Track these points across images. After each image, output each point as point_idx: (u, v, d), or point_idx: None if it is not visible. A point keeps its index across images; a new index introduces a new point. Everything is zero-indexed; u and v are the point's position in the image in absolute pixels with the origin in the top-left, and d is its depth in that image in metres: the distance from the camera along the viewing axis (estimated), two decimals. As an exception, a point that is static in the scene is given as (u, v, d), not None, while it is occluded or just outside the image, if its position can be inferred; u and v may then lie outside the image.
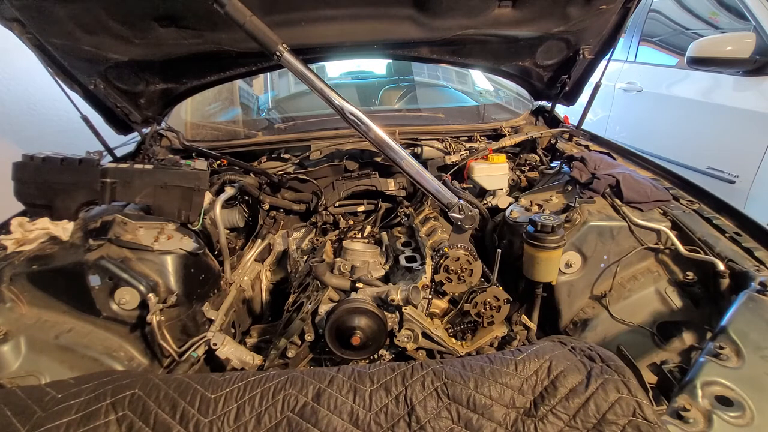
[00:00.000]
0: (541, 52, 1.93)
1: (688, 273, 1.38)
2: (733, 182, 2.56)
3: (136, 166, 1.56)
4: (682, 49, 2.89)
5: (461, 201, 1.36)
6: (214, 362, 1.36)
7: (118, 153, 2.03)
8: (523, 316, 1.47)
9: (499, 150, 2.07)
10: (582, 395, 0.80)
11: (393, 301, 1.21)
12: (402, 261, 1.50)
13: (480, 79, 2.91)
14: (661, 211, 1.51)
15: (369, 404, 0.82)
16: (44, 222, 1.39)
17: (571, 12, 1.67)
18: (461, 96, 2.82)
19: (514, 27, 1.73)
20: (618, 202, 1.51)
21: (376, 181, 2.03)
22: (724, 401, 0.80)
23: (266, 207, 1.99)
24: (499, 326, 1.37)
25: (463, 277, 1.34)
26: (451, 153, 2.06)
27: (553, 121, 2.33)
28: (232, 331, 1.56)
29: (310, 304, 1.39)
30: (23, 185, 1.48)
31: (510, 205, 1.71)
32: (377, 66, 3.33)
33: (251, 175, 1.99)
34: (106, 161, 1.79)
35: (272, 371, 0.90)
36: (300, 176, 2.08)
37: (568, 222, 1.47)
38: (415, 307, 1.25)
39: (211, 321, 1.43)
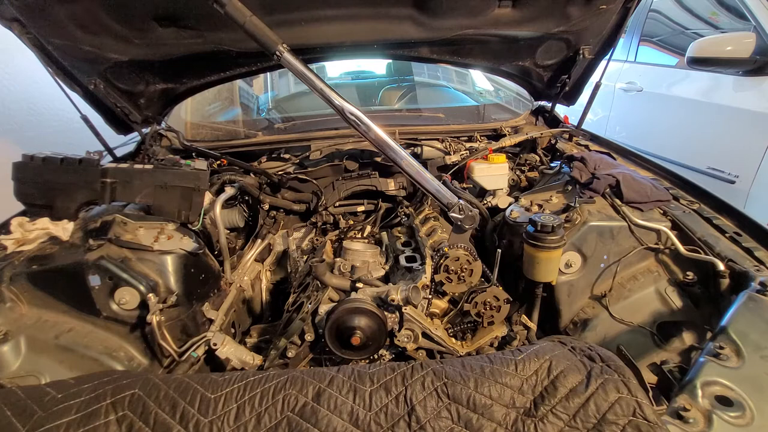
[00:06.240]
0: (541, 52, 1.93)
1: (688, 273, 1.38)
2: (733, 182, 2.56)
3: (136, 166, 1.56)
4: (682, 49, 2.89)
5: (461, 201, 1.36)
6: (214, 362, 1.36)
7: (118, 153, 2.03)
8: (523, 316, 1.47)
9: (499, 150, 2.07)
10: (582, 395, 0.80)
11: (393, 301, 1.21)
12: (402, 261, 1.50)
13: (480, 79, 2.91)
14: (661, 211, 1.51)
15: (369, 404, 0.82)
16: (44, 222, 1.39)
17: (571, 12, 1.67)
18: (461, 96, 2.82)
19: (514, 27, 1.73)
20: (618, 202, 1.51)
21: (376, 181, 2.03)
22: (724, 401, 0.80)
23: (266, 207, 1.99)
24: (499, 326, 1.37)
25: (463, 277, 1.34)
26: (451, 153, 2.06)
27: (553, 121, 2.33)
28: (232, 331, 1.56)
29: (310, 304, 1.39)
30: (23, 185, 1.48)
31: (510, 205, 1.71)
32: (377, 66, 3.33)
33: (251, 175, 1.99)
34: (106, 161, 1.79)
35: (272, 371, 0.90)
36: (300, 176, 2.08)
37: (568, 222, 1.47)
38: (415, 307, 1.25)
39: (211, 321, 1.43)
